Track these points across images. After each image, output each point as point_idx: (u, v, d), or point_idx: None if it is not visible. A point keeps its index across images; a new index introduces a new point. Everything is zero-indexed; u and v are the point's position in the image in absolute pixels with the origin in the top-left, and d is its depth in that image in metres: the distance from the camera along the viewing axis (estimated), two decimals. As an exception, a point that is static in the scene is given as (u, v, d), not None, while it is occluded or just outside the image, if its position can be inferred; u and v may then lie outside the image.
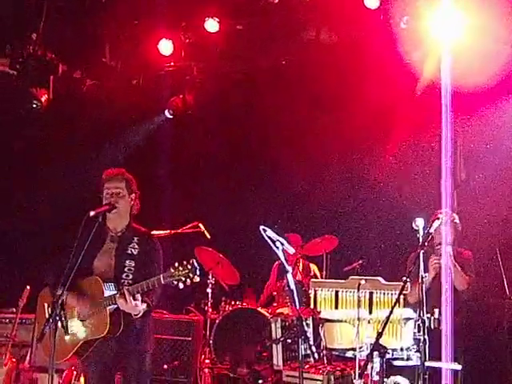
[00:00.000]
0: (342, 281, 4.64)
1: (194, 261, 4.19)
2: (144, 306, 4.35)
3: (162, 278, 4.22)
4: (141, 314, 4.37)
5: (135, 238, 4.61)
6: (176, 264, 4.19)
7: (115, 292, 4.36)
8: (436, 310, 5.43)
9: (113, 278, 4.49)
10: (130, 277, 4.49)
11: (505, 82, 6.89)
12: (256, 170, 8.38)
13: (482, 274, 6.34)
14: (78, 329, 4.47)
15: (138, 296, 4.28)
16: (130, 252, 4.56)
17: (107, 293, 4.37)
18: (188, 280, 4.15)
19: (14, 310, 7.07)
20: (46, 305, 4.61)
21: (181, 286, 4.17)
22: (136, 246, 4.58)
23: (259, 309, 6.86)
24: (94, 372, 4.55)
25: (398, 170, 7.78)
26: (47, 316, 4.27)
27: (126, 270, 4.51)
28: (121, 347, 4.49)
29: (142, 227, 4.76)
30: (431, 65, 7.01)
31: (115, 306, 4.33)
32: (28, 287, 6.89)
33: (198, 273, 4.17)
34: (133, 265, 4.53)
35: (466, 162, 7.67)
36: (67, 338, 4.47)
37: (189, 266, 4.16)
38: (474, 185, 7.49)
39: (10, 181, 8.37)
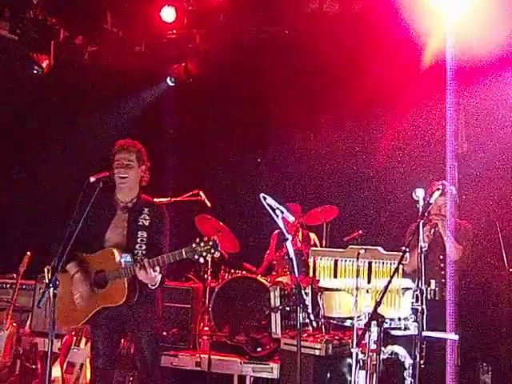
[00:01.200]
0: (342, 250, 4.64)
1: (216, 238, 4.36)
2: (159, 276, 4.50)
3: (183, 252, 4.35)
4: (157, 285, 4.51)
5: (146, 209, 4.72)
6: (197, 240, 4.32)
7: (132, 262, 4.49)
8: (432, 281, 5.47)
9: (126, 248, 4.60)
10: (143, 247, 4.61)
11: (509, 54, 6.85)
12: (258, 139, 8.36)
13: (481, 246, 6.36)
14: (93, 298, 4.56)
15: (158, 268, 4.41)
16: (141, 223, 4.68)
17: (124, 263, 4.48)
18: (209, 255, 4.32)
19: (15, 275, 7.13)
20: (45, 270, 4.69)
21: (201, 260, 4.35)
22: (147, 217, 4.69)
23: (258, 277, 6.87)
24: (100, 335, 4.69)
25: (400, 142, 7.77)
26: (46, 282, 4.35)
27: (138, 240, 4.63)
28: (133, 313, 4.63)
29: (148, 197, 4.86)
30: (435, 36, 6.96)
31: (130, 276, 4.44)
32: (28, 253, 6.93)
33: (218, 249, 4.35)
34: (145, 235, 4.65)
35: (468, 134, 7.65)
36: (81, 305, 4.57)
37: (210, 243, 4.31)
38: (476, 157, 7.48)
39: (11, 147, 8.35)
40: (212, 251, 4.32)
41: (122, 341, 5.47)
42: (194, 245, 4.31)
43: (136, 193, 4.78)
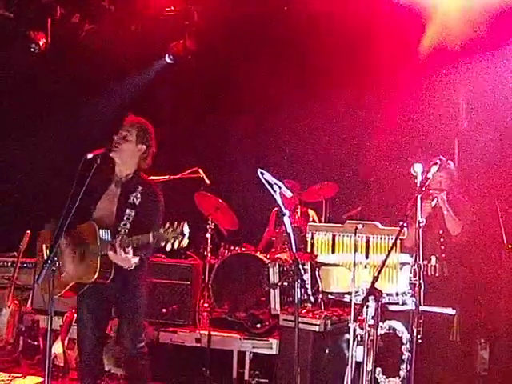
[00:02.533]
0: (339, 225, 4.63)
1: (186, 225, 4.10)
2: (136, 259, 4.37)
3: (151, 237, 4.19)
4: (133, 267, 4.38)
5: (139, 188, 4.58)
6: (167, 225, 4.12)
7: (110, 239, 4.37)
8: (433, 258, 5.48)
9: (112, 224, 4.49)
10: (128, 226, 4.47)
11: (509, 29, 6.82)
12: (256, 116, 8.31)
13: (480, 223, 6.36)
14: (71, 270, 4.51)
15: (130, 250, 4.27)
16: (132, 201, 4.53)
17: (100, 240, 4.38)
18: (176, 242, 4.08)
19: (15, 253, 7.17)
20: (44, 246, 4.66)
21: (168, 247, 4.11)
22: (138, 196, 4.55)
23: (258, 254, 6.89)
24: (86, 316, 4.63)
25: (399, 118, 7.75)
26: (45, 258, 4.32)
27: (125, 218, 4.50)
28: (116, 292, 4.55)
29: (148, 178, 4.75)
30: (436, 15, 6.95)
31: (104, 254, 4.35)
32: (28, 231, 6.96)
33: (186, 237, 4.09)
34: (133, 214, 4.50)
35: (469, 111, 7.63)
36: (61, 276, 4.51)
37: (178, 230, 4.07)
38: (476, 133, 7.46)
39: (8, 125, 8.33)
40: (179, 238, 4.06)
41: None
42: (162, 230, 4.11)
43: (133, 170, 4.66)
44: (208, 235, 7.17)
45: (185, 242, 4.10)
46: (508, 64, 7.16)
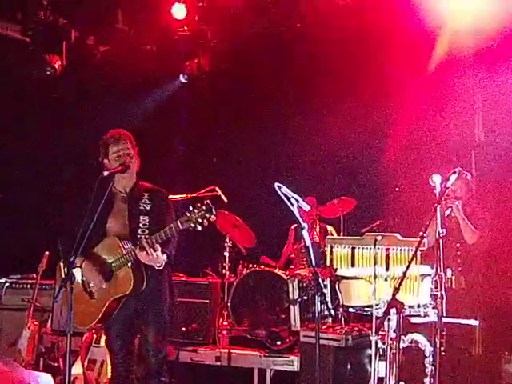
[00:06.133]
0: (358, 237, 4.58)
1: (209, 201, 4.16)
2: (164, 256, 4.35)
3: (179, 223, 4.18)
4: (163, 265, 4.37)
5: (146, 194, 4.60)
6: (191, 208, 4.15)
7: (133, 246, 4.35)
8: (449, 270, 5.40)
9: (129, 236, 4.47)
10: (146, 232, 4.46)
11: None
12: (271, 133, 8.32)
13: (501, 235, 6.28)
14: (101, 291, 4.46)
15: (158, 246, 4.25)
16: (142, 208, 4.54)
17: (125, 249, 4.36)
18: (205, 221, 4.11)
19: (34, 275, 7.19)
20: (61, 265, 4.63)
21: (199, 228, 4.12)
22: (148, 202, 4.57)
23: (276, 270, 6.86)
24: (114, 332, 4.58)
25: (414, 132, 7.72)
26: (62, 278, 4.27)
27: (141, 225, 4.49)
28: (139, 303, 4.49)
29: (148, 183, 4.73)
30: (449, 25, 6.94)
31: (133, 261, 4.32)
32: (47, 252, 6.98)
33: (213, 212, 4.12)
34: (147, 220, 4.50)
35: (485, 123, 7.58)
36: (93, 301, 4.49)
37: (204, 207, 4.11)
38: (493, 146, 7.39)
39: (29, 146, 8.39)
40: (207, 215, 4.10)
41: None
42: (188, 213, 4.13)
43: (134, 180, 4.68)
44: (226, 253, 7.15)
45: (213, 217, 4.13)
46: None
